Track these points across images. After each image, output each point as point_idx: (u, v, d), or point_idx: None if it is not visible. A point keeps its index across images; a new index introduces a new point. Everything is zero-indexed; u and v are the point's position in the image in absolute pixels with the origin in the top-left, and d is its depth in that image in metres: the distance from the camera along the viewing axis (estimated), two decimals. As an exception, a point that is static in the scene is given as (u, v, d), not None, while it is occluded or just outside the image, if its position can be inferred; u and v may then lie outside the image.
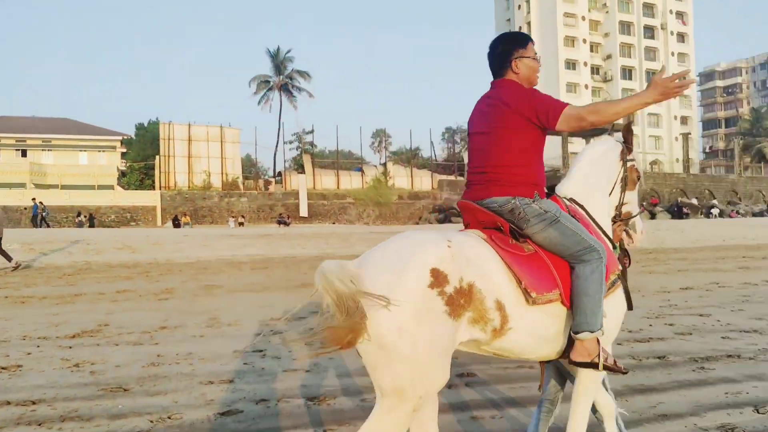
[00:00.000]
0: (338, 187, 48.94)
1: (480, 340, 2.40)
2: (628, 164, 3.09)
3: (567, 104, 2.65)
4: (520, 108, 2.68)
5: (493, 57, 2.87)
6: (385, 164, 55.13)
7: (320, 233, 26.55)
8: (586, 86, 70.65)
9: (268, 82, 62.04)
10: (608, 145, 3.12)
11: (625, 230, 3.15)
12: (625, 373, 2.80)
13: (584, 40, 70.59)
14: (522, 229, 2.67)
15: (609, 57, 72.83)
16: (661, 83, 2.49)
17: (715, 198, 47.46)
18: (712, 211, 40.89)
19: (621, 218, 3.09)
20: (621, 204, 3.09)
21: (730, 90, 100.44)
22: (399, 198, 48.30)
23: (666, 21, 75.05)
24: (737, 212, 41.17)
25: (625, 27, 73.15)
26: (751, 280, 11.04)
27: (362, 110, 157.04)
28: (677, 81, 2.49)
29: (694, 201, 43.02)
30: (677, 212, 39.63)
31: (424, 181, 52.76)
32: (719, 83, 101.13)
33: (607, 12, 72.67)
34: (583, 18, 70.48)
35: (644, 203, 42.16)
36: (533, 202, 2.67)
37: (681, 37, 77.33)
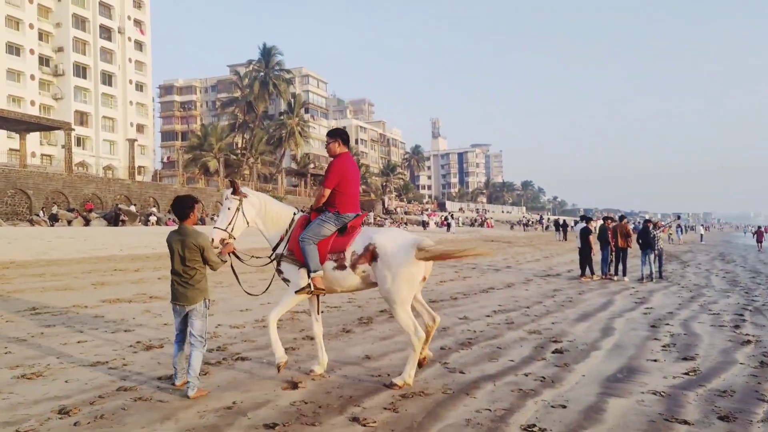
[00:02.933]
0: None
1: None
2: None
3: None
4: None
5: (346, 137, 5.74)
6: None
7: None
8: (33, 77, 63.08)
9: None
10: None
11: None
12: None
13: (31, 25, 62.90)
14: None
15: (61, 49, 66.99)
16: None
17: (158, 206, 48.24)
18: (150, 218, 41.12)
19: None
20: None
21: (186, 105, 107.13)
22: None
23: (124, 26, 74.06)
24: (173, 220, 42.51)
25: (80, 22, 68.74)
26: (81, 301, 9.52)
27: None
28: None
29: (133, 208, 42.51)
30: (115, 219, 38.17)
31: None
32: (177, 98, 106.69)
33: (59, 0, 66.74)
34: (31, 0, 62.78)
35: (77, 209, 39.22)
36: None
37: (139, 45, 77.73)
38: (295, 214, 5.72)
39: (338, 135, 5.70)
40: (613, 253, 16.48)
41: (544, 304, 11.09)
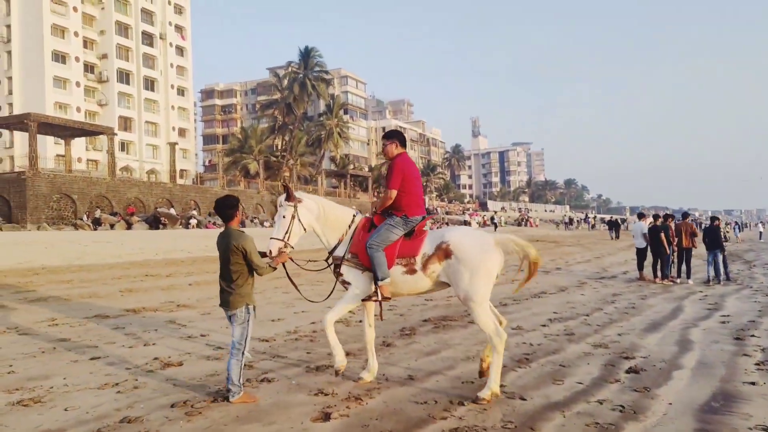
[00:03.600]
0: None
1: None
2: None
3: None
4: None
5: (403, 138, 5.56)
6: None
7: None
8: (78, 84, 64.35)
9: None
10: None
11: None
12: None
13: (76, 33, 64.17)
14: None
15: (105, 56, 68.22)
16: None
17: (199, 208, 48.39)
18: (191, 221, 41.13)
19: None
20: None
21: (227, 109, 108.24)
22: None
23: (165, 32, 75.03)
24: (214, 223, 42.51)
25: (123, 29, 69.88)
26: (104, 310, 8.93)
27: None
28: None
29: (173, 211, 42.59)
30: (155, 222, 38.28)
31: None
32: (218, 102, 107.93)
33: (103, 8, 67.99)
34: (75, 9, 64.08)
35: (120, 213, 39.49)
36: None
37: (180, 50, 78.66)
38: (354, 215, 5.57)
39: (395, 136, 5.56)
40: (675, 254, 15.26)
41: (605, 311, 10.04)
